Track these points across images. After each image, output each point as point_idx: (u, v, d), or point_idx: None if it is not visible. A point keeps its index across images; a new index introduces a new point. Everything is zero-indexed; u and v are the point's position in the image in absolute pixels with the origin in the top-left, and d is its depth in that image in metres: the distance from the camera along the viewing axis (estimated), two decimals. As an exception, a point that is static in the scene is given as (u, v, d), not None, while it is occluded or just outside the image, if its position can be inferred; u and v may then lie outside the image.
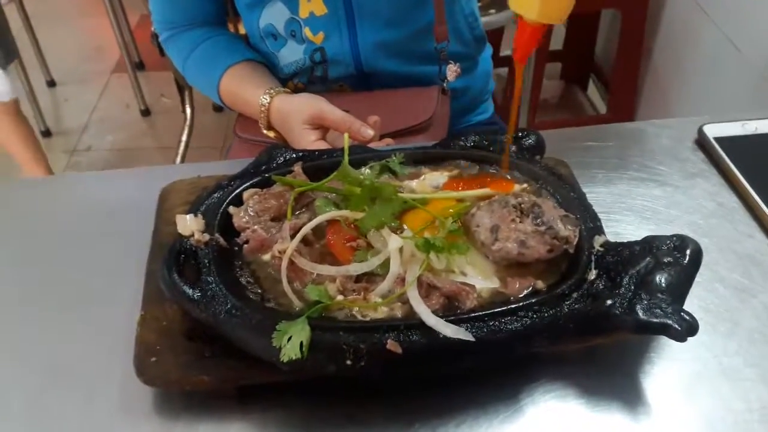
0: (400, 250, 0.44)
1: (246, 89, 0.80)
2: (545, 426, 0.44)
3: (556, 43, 2.20)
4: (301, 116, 0.71)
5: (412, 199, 0.48)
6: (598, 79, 2.30)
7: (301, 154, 0.54)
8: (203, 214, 0.48)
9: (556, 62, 2.34)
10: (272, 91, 0.77)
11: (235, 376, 0.43)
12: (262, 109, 0.76)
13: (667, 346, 0.48)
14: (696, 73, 1.68)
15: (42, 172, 1.75)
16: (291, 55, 0.84)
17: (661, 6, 1.85)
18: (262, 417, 0.44)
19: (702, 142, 0.66)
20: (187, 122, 1.82)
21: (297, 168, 0.52)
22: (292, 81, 0.86)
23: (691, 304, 0.43)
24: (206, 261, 0.45)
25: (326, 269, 0.45)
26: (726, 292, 0.52)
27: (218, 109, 2.28)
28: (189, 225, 0.47)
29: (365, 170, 0.52)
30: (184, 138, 1.83)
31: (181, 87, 1.77)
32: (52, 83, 2.41)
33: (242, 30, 0.93)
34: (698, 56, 1.67)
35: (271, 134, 0.78)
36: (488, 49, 0.95)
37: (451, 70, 0.84)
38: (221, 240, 0.47)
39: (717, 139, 0.65)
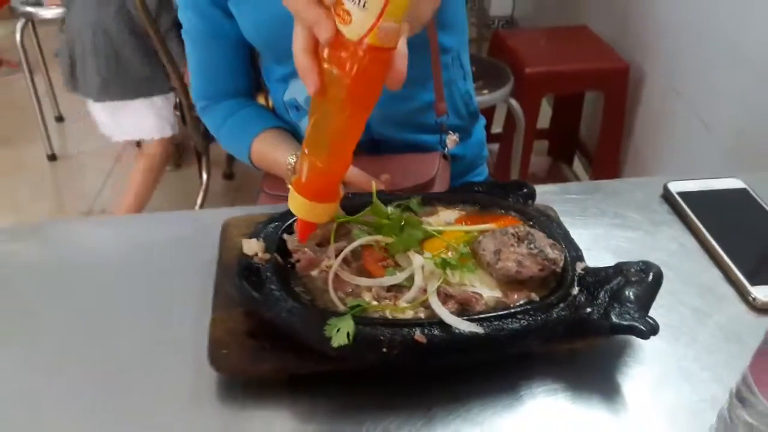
0: (423, 267, 0.56)
1: (274, 152, 0.92)
2: (538, 414, 0.54)
3: (544, 122, 2.38)
4: None
5: (432, 229, 0.60)
6: (582, 155, 2.47)
7: (344, 195, 0.67)
8: (263, 239, 0.60)
9: (544, 140, 2.52)
10: (298, 153, 0.89)
11: (288, 367, 0.54)
12: (290, 168, 0.88)
13: (638, 353, 0.59)
14: (671, 149, 1.85)
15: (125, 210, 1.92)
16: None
17: (640, 88, 2.04)
18: (310, 402, 0.54)
19: (667, 196, 0.79)
20: (203, 186, 1.96)
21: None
22: None
23: (657, 319, 0.54)
24: (268, 274, 0.56)
25: (364, 281, 0.56)
26: (686, 312, 0.63)
27: (229, 176, 2.43)
28: (253, 247, 0.59)
29: (390, 208, 0.64)
30: (199, 200, 1.96)
31: (200, 154, 1.93)
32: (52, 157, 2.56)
33: (266, 100, 1.08)
34: (672, 133, 1.85)
35: None
36: (482, 121, 1.09)
37: (450, 140, 0.97)
38: (279, 259, 0.58)
39: (679, 193, 0.77)
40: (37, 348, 0.60)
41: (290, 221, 0.63)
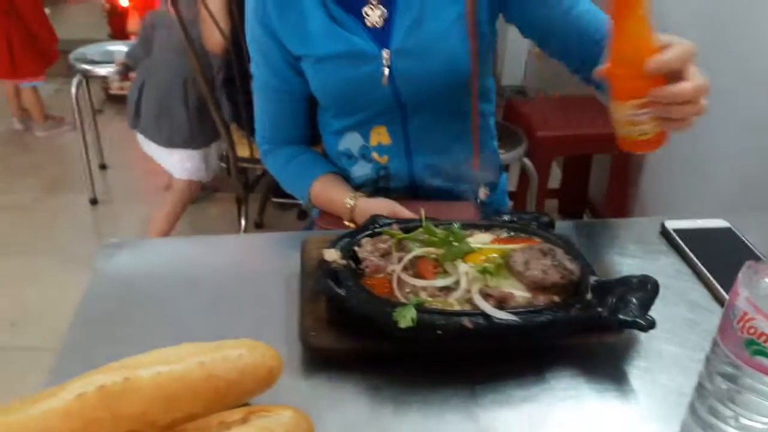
0: (467, 273, 0.71)
1: (332, 194, 1.07)
2: (562, 395, 0.67)
3: (554, 182, 2.55)
4: (381, 212, 0.94)
5: (474, 245, 0.75)
6: (591, 212, 2.63)
7: (395, 220, 0.83)
8: (339, 249, 0.75)
9: (554, 199, 2.68)
10: (354, 195, 1.03)
11: (362, 346, 0.68)
12: (348, 208, 1.03)
13: (641, 350, 0.72)
14: (668, 195, 2.02)
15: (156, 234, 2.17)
16: (361, 170, 1.11)
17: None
18: (377, 377, 0.68)
19: (664, 233, 0.94)
20: (241, 231, 2.12)
21: (395, 227, 0.79)
22: (360, 189, 1.10)
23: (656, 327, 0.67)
24: (346, 274, 0.71)
25: (421, 282, 0.71)
26: (678, 321, 0.77)
27: (258, 225, 2.60)
28: (332, 255, 0.74)
29: (438, 230, 0.80)
30: (236, 243, 2.12)
31: (240, 200, 2.10)
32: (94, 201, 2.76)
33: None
34: (670, 183, 2.01)
35: (352, 225, 1.03)
36: (504, 175, 1.25)
37: (482, 192, 1.13)
38: (353, 264, 0.74)
39: (675, 230, 0.93)
40: (157, 343, 0.74)
41: (358, 237, 0.78)
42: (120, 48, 2.76)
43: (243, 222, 2.13)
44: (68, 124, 3.37)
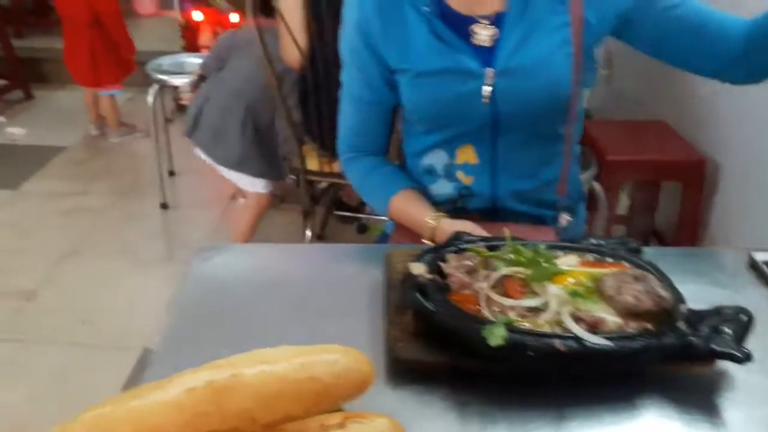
0: (558, 295, 0.71)
1: (413, 210, 1.07)
2: (650, 422, 0.66)
3: (621, 209, 2.50)
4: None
5: (564, 268, 0.75)
6: (658, 241, 2.57)
7: (479, 237, 0.83)
8: (426, 263, 0.76)
9: (621, 225, 2.63)
10: (436, 215, 1.03)
11: (449, 360, 0.69)
12: (430, 227, 1.02)
13: (731, 382, 0.70)
14: (744, 229, 1.94)
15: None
16: (441, 189, 1.10)
17: (716, 179, 2.15)
18: (464, 392, 0.68)
19: (753, 264, 0.91)
20: (306, 241, 2.16)
21: (480, 244, 0.80)
22: (438, 207, 1.09)
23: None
24: (433, 288, 0.72)
25: (509, 301, 0.71)
26: (771, 354, 0.75)
27: (320, 237, 2.64)
28: (419, 269, 0.75)
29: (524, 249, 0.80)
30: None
31: (306, 212, 2.14)
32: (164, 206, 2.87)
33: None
34: (745, 215, 1.94)
35: (430, 243, 1.02)
36: (584, 203, 1.22)
37: (563, 218, 1.11)
38: (439, 279, 0.75)
39: (764, 262, 0.90)
40: (251, 344, 0.77)
41: (443, 253, 0.79)
42: (192, 60, 2.87)
43: (308, 233, 2.17)
44: (140, 131, 3.52)
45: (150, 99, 2.69)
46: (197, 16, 3.67)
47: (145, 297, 2.31)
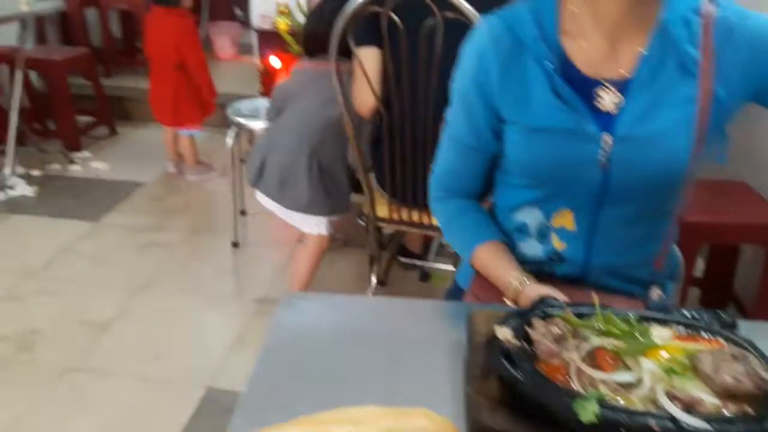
0: (653, 371, 0.68)
1: (498, 266, 1.04)
2: None
3: (697, 270, 2.40)
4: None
5: (660, 342, 0.72)
6: (736, 307, 2.44)
7: (566, 303, 0.81)
8: (512, 328, 0.75)
9: (696, 287, 2.52)
10: (522, 277, 1.00)
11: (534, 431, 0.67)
12: (514, 288, 1.00)
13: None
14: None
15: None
16: (530, 249, 1.07)
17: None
18: (548, 467, 0.66)
19: None
20: (372, 288, 2.17)
21: (569, 310, 0.78)
22: (524, 266, 1.05)
23: None
24: (520, 355, 0.71)
25: (601, 375, 0.69)
26: None
27: (382, 283, 2.64)
28: (505, 333, 0.74)
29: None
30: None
31: (373, 258, 2.16)
32: (235, 244, 2.94)
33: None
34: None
35: (511, 303, 1.01)
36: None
37: (655, 292, 1.06)
38: (526, 345, 0.73)
39: None
40: (333, 399, 0.77)
41: (529, 317, 0.78)
42: (267, 104, 2.97)
43: (374, 279, 2.18)
44: (215, 170, 3.65)
45: (229, 141, 2.79)
46: (275, 62, 3.82)
47: (212, 334, 2.36)
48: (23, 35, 3.44)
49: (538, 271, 1.06)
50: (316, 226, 2.23)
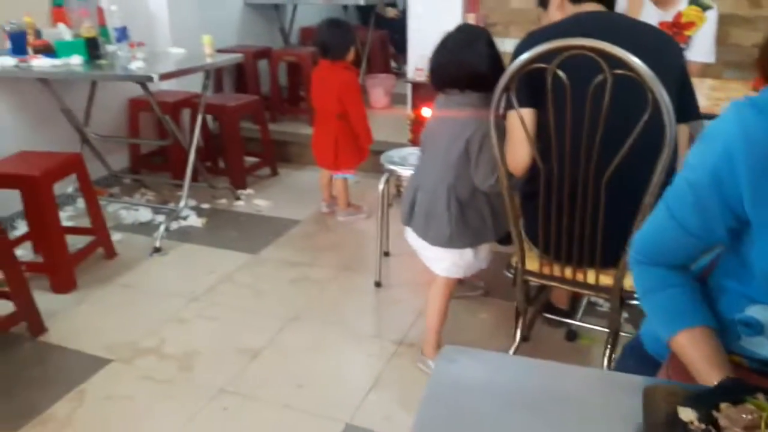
0: None
1: (701, 357, 0.94)
2: None
3: None
4: None
5: None
6: None
7: (759, 387, 0.75)
8: (696, 410, 0.70)
9: None
10: (729, 380, 0.85)
11: None
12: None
13: None
14: None
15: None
16: (758, 347, 0.96)
17: None
18: None
19: None
20: (516, 343, 2.12)
21: (761, 397, 0.72)
22: (741, 359, 0.97)
23: None
24: (708, 441, 0.66)
25: (804, 473, 0.62)
26: None
27: (525, 338, 2.56)
28: (689, 415, 0.69)
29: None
30: (511, 352, 2.13)
31: (519, 312, 2.11)
32: (378, 284, 3.03)
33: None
34: None
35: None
36: None
37: None
38: (713, 430, 0.68)
39: None
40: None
41: (716, 399, 0.72)
42: (415, 152, 3.08)
43: (518, 334, 2.13)
44: (364, 212, 3.81)
45: (381, 186, 2.91)
46: (426, 112, 3.94)
47: (352, 370, 2.43)
48: (206, 83, 3.84)
49: (761, 371, 0.96)
50: (446, 270, 2.27)
